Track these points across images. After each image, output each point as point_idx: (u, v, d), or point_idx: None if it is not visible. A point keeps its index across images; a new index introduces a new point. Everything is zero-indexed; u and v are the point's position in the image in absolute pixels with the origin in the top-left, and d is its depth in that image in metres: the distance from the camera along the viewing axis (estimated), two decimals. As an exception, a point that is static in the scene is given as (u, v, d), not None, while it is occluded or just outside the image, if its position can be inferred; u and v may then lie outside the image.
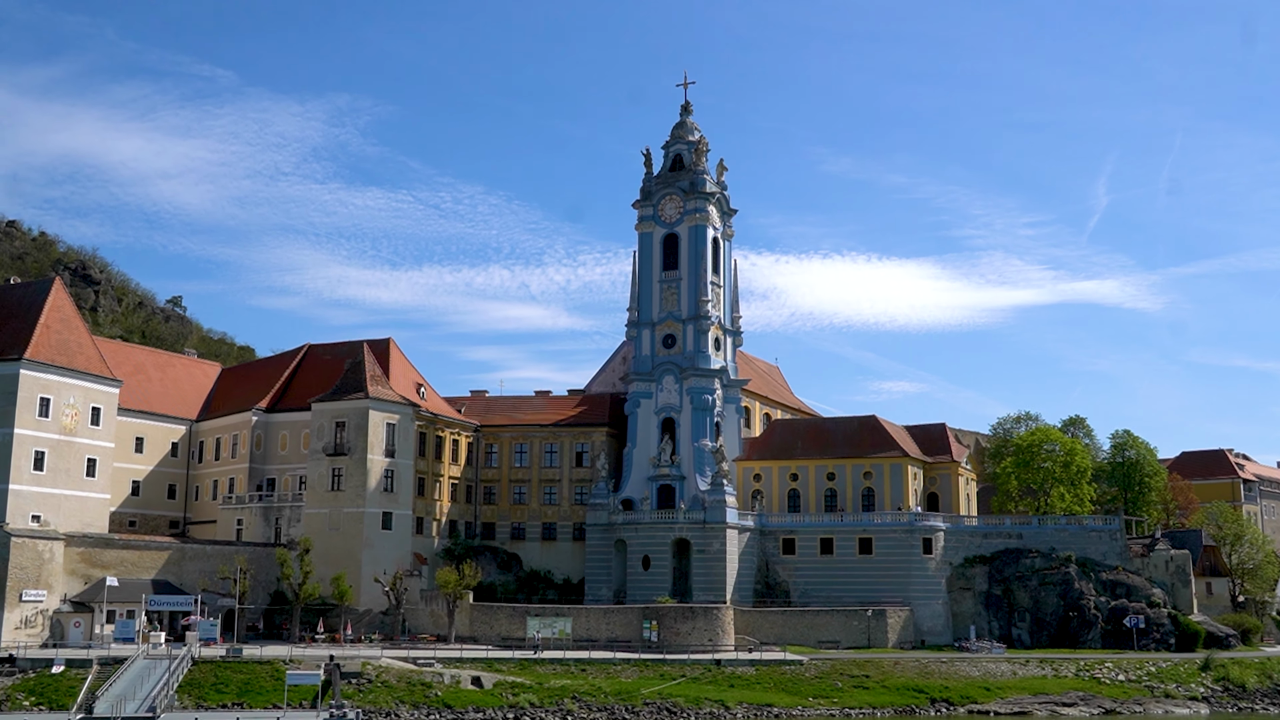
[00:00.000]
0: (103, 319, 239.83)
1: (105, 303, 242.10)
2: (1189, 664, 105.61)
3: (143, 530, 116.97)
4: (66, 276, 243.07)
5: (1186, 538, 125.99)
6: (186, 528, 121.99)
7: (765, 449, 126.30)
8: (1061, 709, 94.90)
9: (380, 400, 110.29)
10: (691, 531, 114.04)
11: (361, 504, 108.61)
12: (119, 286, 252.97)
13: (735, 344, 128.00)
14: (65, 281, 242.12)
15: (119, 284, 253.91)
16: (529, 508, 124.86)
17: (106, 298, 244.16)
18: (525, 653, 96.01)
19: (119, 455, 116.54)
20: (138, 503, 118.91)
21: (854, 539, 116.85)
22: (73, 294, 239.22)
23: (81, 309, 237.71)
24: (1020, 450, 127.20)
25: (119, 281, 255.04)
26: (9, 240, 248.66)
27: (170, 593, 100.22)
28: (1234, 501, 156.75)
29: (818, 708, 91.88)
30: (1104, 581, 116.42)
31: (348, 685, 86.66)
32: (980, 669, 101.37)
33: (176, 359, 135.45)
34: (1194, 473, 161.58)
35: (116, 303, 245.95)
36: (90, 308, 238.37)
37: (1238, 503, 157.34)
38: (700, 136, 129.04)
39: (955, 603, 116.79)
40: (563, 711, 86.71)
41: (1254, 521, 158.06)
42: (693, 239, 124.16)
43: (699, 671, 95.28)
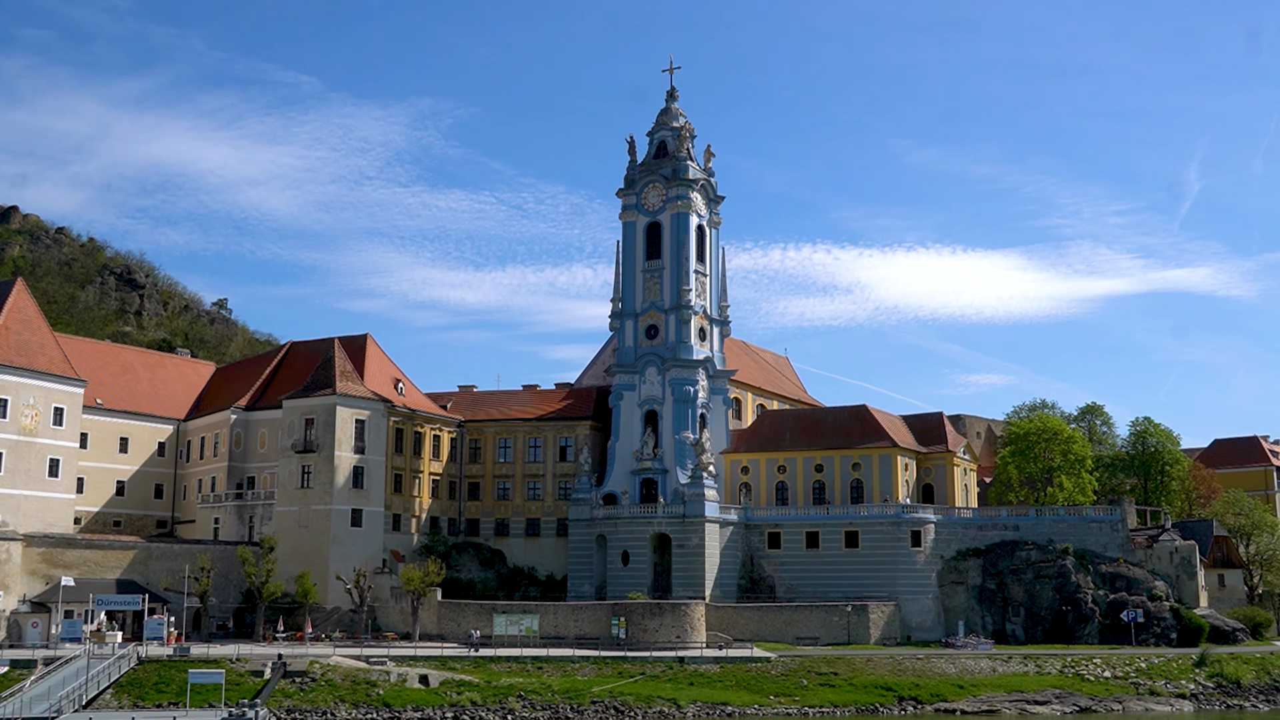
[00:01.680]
0: (147, 322, 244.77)
1: (150, 306, 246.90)
2: (1183, 659, 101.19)
3: (128, 530, 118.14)
4: (112, 282, 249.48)
5: (1196, 528, 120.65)
6: (174, 527, 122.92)
7: (753, 441, 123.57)
8: (1033, 707, 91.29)
9: (348, 396, 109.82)
10: (671, 526, 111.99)
11: (329, 501, 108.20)
12: (165, 290, 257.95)
13: (723, 334, 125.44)
14: (111, 287, 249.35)
15: (165, 288, 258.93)
16: (513, 503, 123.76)
17: (151, 301, 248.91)
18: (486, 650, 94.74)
19: (102, 456, 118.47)
20: (122, 503, 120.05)
21: (840, 532, 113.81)
22: (117, 298, 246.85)
23: (125, 312, 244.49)
24: (1018, 439, 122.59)
25: (165, 285, 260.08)
26: (58, 247, 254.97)
27: (136, 592, 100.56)
28: (1266, 490, 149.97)
29: (776, 706, 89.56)
30: (1103, 574, 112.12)
31: (290, 684, 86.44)
32: (958, 666, 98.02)
33: (168, 359, 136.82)
34: (1225, 461, 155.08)
35: (162, 306, 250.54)
36: (135, 311, 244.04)
37: (1270, 491, 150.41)
38: (684, 122, 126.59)
39: (947, 597, 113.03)
40: (505, 710, 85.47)
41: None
42: (675, 227, 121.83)
43: (660, 669, 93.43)
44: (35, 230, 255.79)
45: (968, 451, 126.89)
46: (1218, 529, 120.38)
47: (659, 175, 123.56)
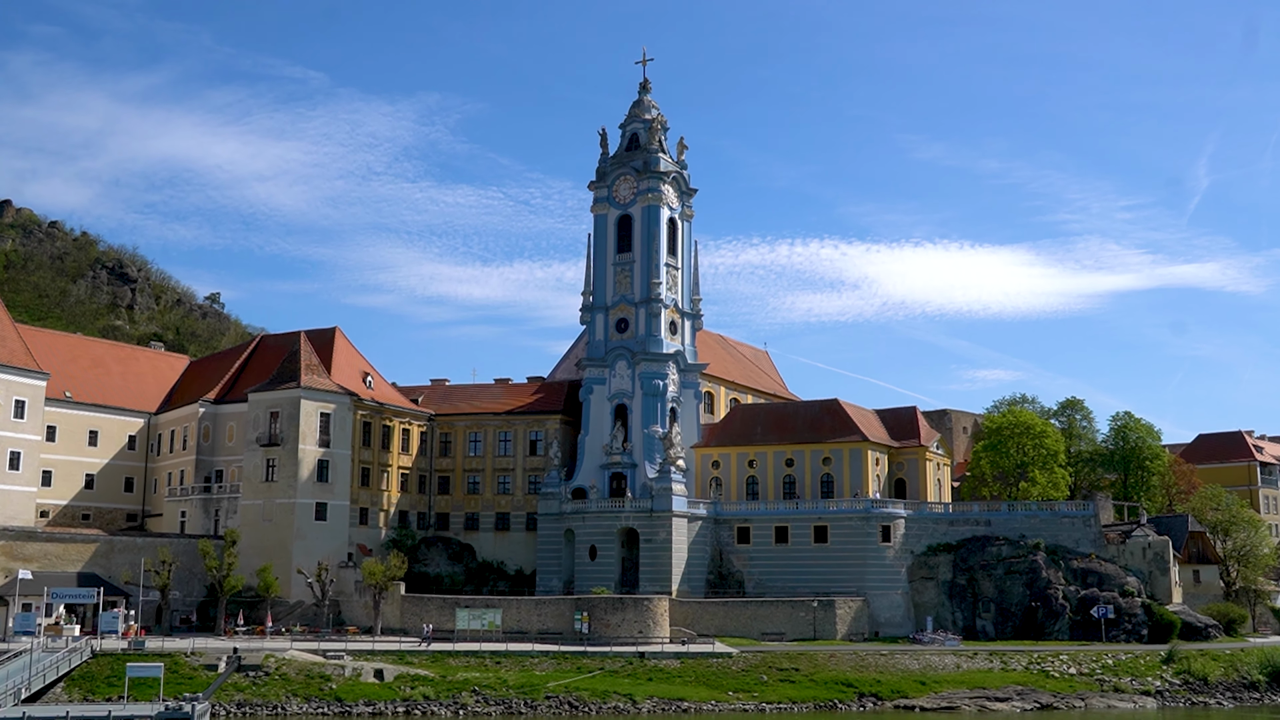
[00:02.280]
0: (139, 316, 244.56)
1: (142, 300, 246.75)
2: (1152, 656, 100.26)
3: (97, 523, 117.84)
4: (104, 276, 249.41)
5: (1172, 524, 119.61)
6: (144, 521, 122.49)
7: (724, 435, 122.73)
8: (993, 704, 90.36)
9: (313, 389, 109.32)
10: (638, 520, 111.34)
11: (293, 495, 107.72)
12: (157, 284, 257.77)
13: (695, 327, 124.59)
14: (103, 281, 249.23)
15: (157, 282, 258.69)
16: (483, 497, 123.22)
17: (143, 295, 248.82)
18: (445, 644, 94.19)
19: (71, 449, 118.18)
20: (91, 496, 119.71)
21: (809, 527, 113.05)
22: (109, 292, 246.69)
23: (117, 306, 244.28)
24: (992, 433, 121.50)
25: (157, 280, 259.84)
26: (50, 241, 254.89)
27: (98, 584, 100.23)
28: (1249, 485, 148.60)
29: (734, 702, 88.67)
30: (1075, 570, 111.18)
31: (244, 678, 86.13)
32: (922, 662, 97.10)
33: (141, 352, 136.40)
34: (1209, 456, 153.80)
35: (154, 300, 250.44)
36: (127, 305, 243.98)
37: (1254, 486, 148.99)
38: (656, 115, 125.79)
39: (917, 593, 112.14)
40: (457, 705, 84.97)
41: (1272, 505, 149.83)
42: (645, 219, 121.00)
43: (620, 664, 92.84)
44: (28, 224, 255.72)
45: (941, 446, 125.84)
46: (1193, 525, 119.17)
47: (630, 168, 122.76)
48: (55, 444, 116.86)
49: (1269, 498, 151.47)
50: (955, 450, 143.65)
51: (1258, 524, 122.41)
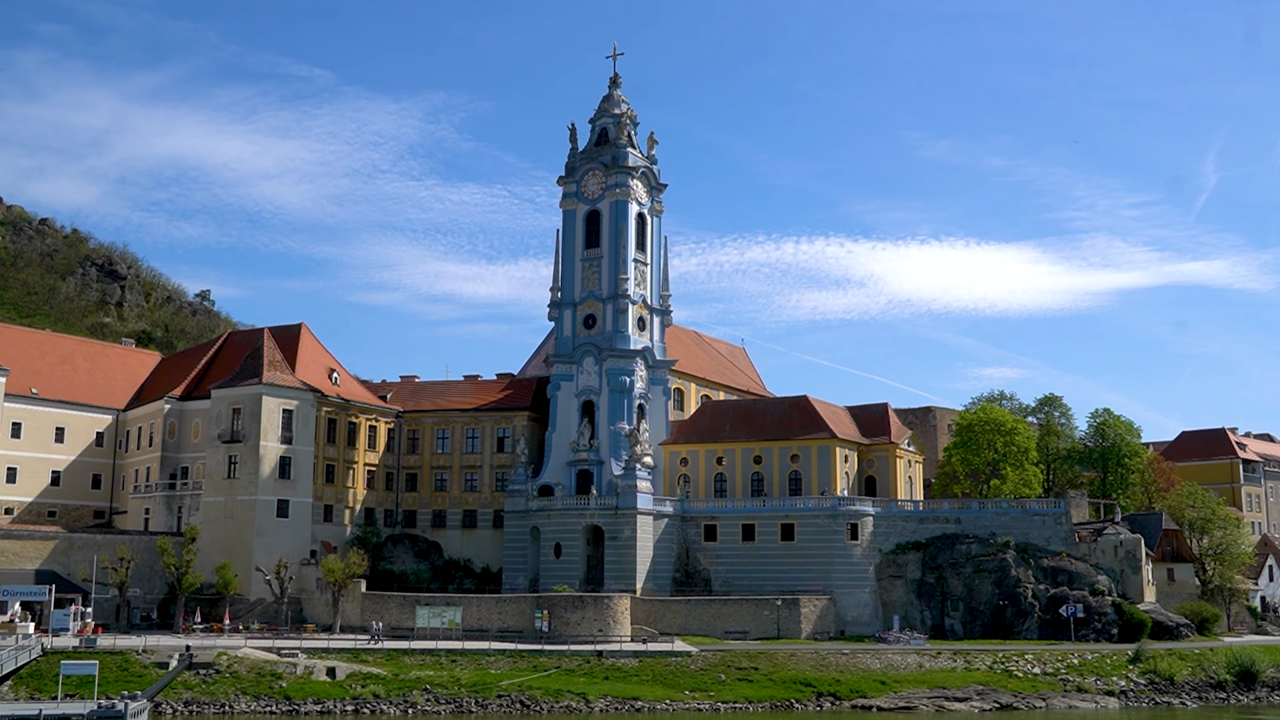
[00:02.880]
0: (128, 313, 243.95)
1: (131, 297, 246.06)
2: (1119, 656, 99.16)
3: (64, 521, 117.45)
4: (94, 273, 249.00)
5: (1146, 521, 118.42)
6: (112, 518, 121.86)
7: (693, 432, 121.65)
8: (951, 704, 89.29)
9: (275, 386, 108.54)
10: (603, 518, 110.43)
11: (254, 492, 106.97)
12: (147, 282, 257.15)
13: (664, 323, 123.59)
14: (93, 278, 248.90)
15: (148, 279, 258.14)
16: (450, 494, 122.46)
17: (133, 293, 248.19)
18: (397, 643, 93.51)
19: (37, 446, 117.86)
20: (58, 493, 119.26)
21: (776, 525, 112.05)
22: (98, 289, 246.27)
23: (106, 303, 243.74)
24: (963, 430, 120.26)
25: (148, 277, 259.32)
26: (41, 238, 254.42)
27: (56, 582, 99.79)
28: (1232, 483, 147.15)
29: (689, 701, 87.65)
30: (1045, 568, 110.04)
31: (194, 676, 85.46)
32: (884, 662, 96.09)
33: (111, 349, 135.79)
34: (1192, 454, 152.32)
35: (144, 298, 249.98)
36: (116, 302, 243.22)
37: (1237, 484, 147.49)
38: (625, 109, 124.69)
39: (885, 591, 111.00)
40: (407, 704, 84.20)
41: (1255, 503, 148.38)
42: (613, 215, 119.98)
43: (577, 663, 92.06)
44: (19, 221, 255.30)
45: (913, 443, 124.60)
46: (1167, 522, 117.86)
47: (598, 163, 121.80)
48: (20, 441, 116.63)
49: (1251, 495, 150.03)
50: (940, 447, 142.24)
51: (1234, 522, 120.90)
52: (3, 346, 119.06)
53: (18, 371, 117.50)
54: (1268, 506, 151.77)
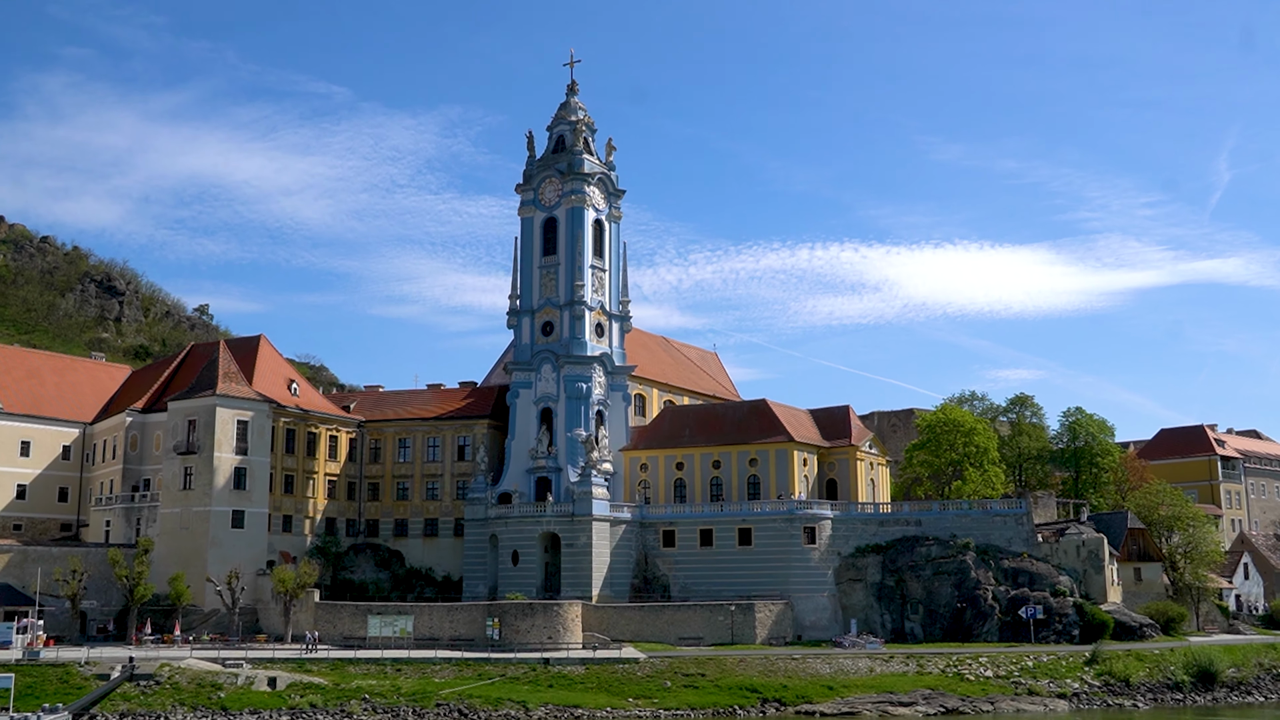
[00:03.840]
0: (126, 328, 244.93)
1: (130, 313, 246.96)
2: (1075, 657, 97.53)
3: (30, 533, 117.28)
4: (93, 289, 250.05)
5: (1111, 521, 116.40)
6: (79, 530, 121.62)
7: (653, 438, 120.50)
8: (896, 709, 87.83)
9: (229, 397, 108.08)
10: (559, 525, 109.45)
11: (209, 503, 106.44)
12: (146, 297, 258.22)
13: (624, 329, 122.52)
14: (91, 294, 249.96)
15: (146, 295, 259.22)
16: (412, 503, 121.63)
17: (131, 308, 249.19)
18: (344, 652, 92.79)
19: (2, 460, 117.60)
20: (23, 506, 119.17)
21: (734, 530, 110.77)
22: (97, 305, 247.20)
23: (105, 319, 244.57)
24: (925, 431, 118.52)
25: (147, 292, 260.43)
26: (42, 255, 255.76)
27: (11, 595, 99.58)
28: (1210, 480, 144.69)
29: (632, 709, 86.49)
30: (1005, 570, 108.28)
31: (134, 687, 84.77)
32: (834, 666, 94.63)
33: (79, 362, 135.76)
34: (1171, 451, 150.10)
35: (142, 313, 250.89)
36: (114, 318, 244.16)
37: (1215, 481, 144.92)
38: (582, 117, 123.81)
39: (845, 595, 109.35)
40: (344, 713, 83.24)
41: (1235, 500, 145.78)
42: (570, 221, 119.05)
43: (523, 671, 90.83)
44: (20, 239, 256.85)
45: (874, 445, 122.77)
46: (1133, 521, 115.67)
47: (555, 170, 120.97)
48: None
49: (1230, 492, 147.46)
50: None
51: (1204, 520, 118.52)
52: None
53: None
54: (1249, 503, 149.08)
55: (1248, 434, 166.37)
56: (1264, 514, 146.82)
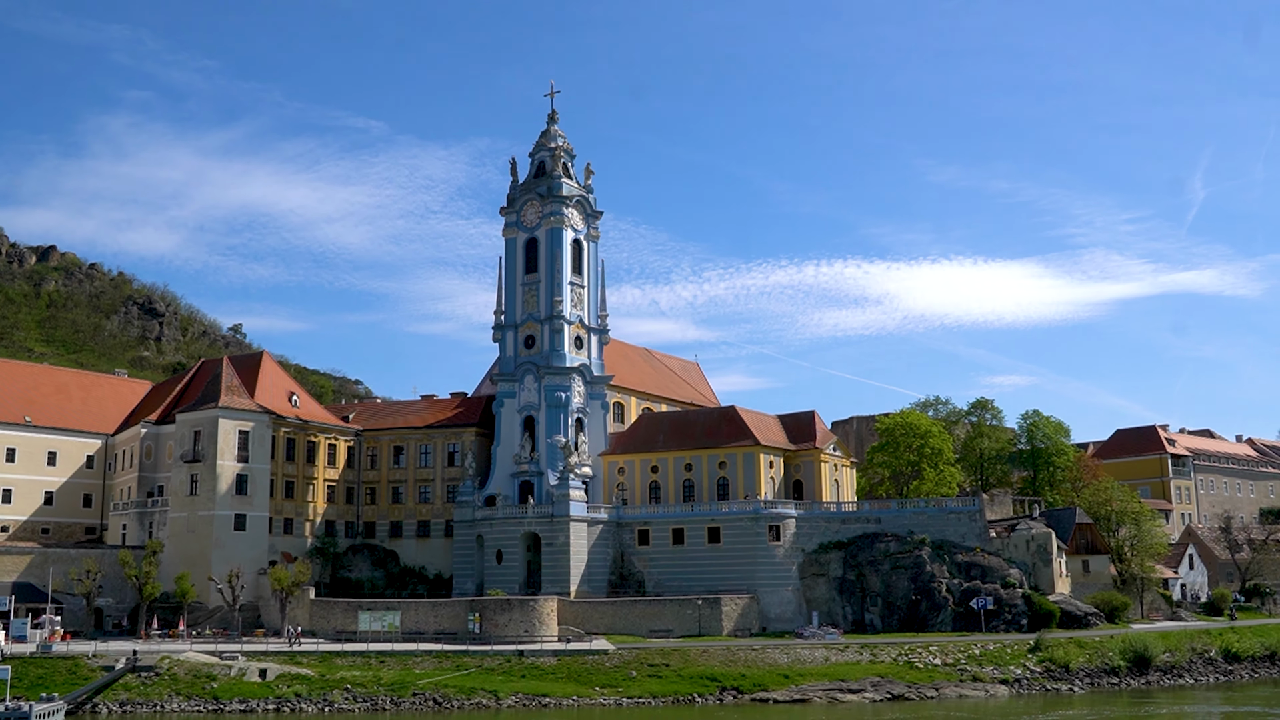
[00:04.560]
0: (165, 347, 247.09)
1: (169, 332, 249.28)
2: (1021, 645, 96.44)
3: (57, 537, 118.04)
4: (135, 311, 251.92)
5: (1061, 516, 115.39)
6: (102, 534, 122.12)
7: (630, 443, 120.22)
8: (844, 696, 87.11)
9: (231, 409, 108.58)
10: (540, 525, 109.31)
11: (213, 507, 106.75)
12: (184, 318, 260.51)
13: (602, 341, 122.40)
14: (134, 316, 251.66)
15: (185, 315, 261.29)
16: (405, 506, 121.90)
17: (170, 328, 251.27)
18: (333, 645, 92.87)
19: (30, 469, 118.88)
20: (51, 511, 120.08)
21: (704, 529, 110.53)
22: (139, 326, 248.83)
23: (146, 339, 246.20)
24: (882, 434, 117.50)
25: (185, 313, 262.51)
26: (90, 281, 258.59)
27: (32, 593, 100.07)
28: (1161, 477, 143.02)
29: (597, 697, 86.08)
30: (959, 563, 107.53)
31: (135, 678, 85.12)
32: (791, 656, 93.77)
33: (104, 379, 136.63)
34: (1125, 450, 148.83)
35: (181, 333, 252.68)
36: (155, 337, 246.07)
37: (1165, 478, 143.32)
38: (560, 143, 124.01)
39: (809, 589, 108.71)
40: (326, 703, 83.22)
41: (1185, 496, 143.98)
42: (549, 241, 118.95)
43: (498, 662, 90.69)
44: (71, 266, 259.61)
45: (838, 448, 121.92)
46: (1081, 516, 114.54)
47: (535, 193, 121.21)
48: (15, 464, 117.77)
49: (1180, 488, 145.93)
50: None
51: (1149, 515, 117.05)
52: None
53: (12, 402, 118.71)
54: (1198, 498, 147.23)
55: (1201, 433, 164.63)
56: (1212, 508, 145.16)
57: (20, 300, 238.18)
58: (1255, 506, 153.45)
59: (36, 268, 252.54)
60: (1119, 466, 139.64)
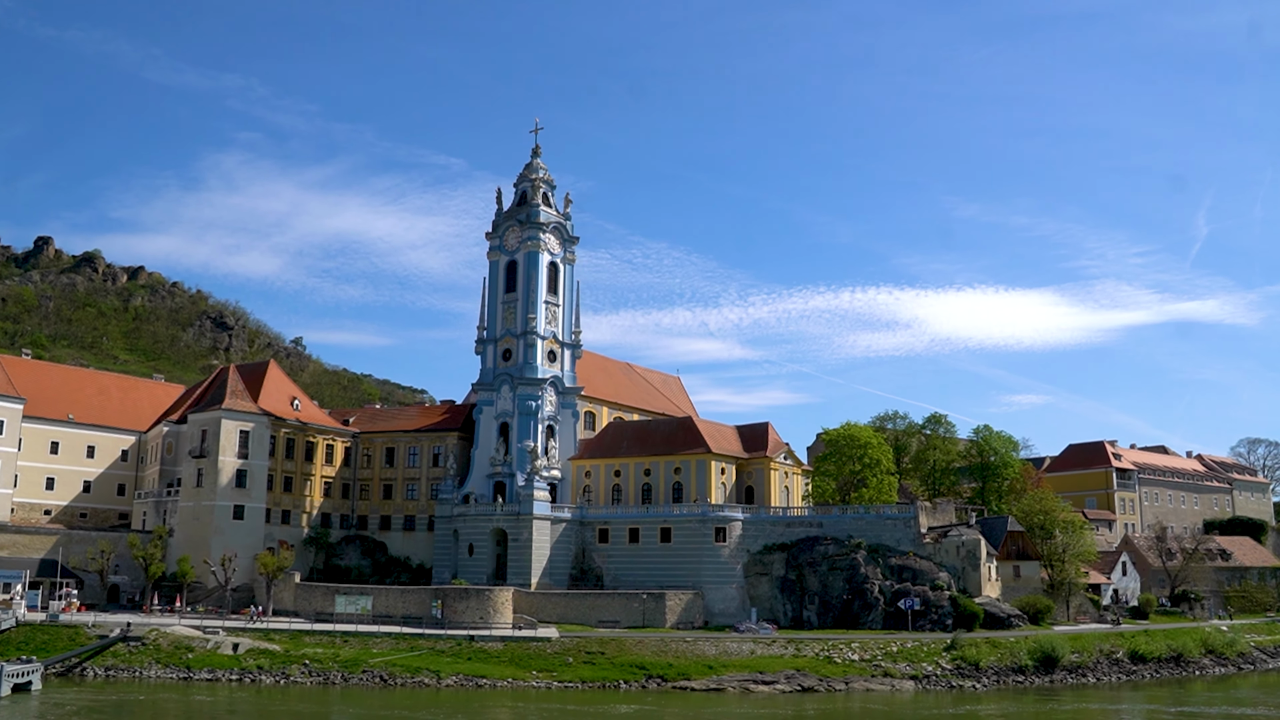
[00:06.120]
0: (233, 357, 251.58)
1: (237, 344, 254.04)
2: (938, 643, 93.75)
3: (93, 522, 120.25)
4: (208, 324, 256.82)
5: (994, 524, 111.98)
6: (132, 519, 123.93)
7: (596, 449, 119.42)
8: (757, 686, 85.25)
9: (233, 411, 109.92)
10: (507, 522, 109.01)
11: (214, 498, 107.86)
12: (252, 331, 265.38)
13: (575, 355, 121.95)
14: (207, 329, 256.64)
15: (252, 329, 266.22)
16: (394, 502, 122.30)
17: (239, 339, 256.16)
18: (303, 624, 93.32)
19: (72, 460, 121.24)
20: (89, 499, 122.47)
21: (657, 529, 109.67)
22: (209, 336, 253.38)
23: (217, 349, 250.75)
24: (828, 444, 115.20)
25: (253, 326, 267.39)
26: (171, 297, 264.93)
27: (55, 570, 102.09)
28: (1107, 489, 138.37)
29: (530, 680, 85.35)
30: (892, 566, 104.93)
31: (124, 647, 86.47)
32: (720, 648, 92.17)
33: (142, 382, 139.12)
34: (1075, 464, 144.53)
35: (248, 344, 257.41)
36: (224, 348, 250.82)
37: (1110, 490, 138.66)
38: (542, 174, 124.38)
39: (752, 587, 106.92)
40: (284, 675, 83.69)
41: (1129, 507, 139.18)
42: (527, 263, 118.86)
43: (450, 645, 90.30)
44: (155, 285, 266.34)
45: (789, 457, 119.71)
46: (1013, 524, 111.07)
47: (516, 220, 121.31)
48: (57, 456, 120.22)
49: (1124, 500, 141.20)
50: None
51: (1079, 524, 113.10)
52: (48, 381, 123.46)
53: (57, 401, 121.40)
54: (1141, 509, 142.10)
55: (1155, 449, 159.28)
56: (1156, 518, 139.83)
57: (110, 314, 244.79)
58: (1199, 518, 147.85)
59: (127, 285, 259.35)
60: (1068, 479, 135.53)
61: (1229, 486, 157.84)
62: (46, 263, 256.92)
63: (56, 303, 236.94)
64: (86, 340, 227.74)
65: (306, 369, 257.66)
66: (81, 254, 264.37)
